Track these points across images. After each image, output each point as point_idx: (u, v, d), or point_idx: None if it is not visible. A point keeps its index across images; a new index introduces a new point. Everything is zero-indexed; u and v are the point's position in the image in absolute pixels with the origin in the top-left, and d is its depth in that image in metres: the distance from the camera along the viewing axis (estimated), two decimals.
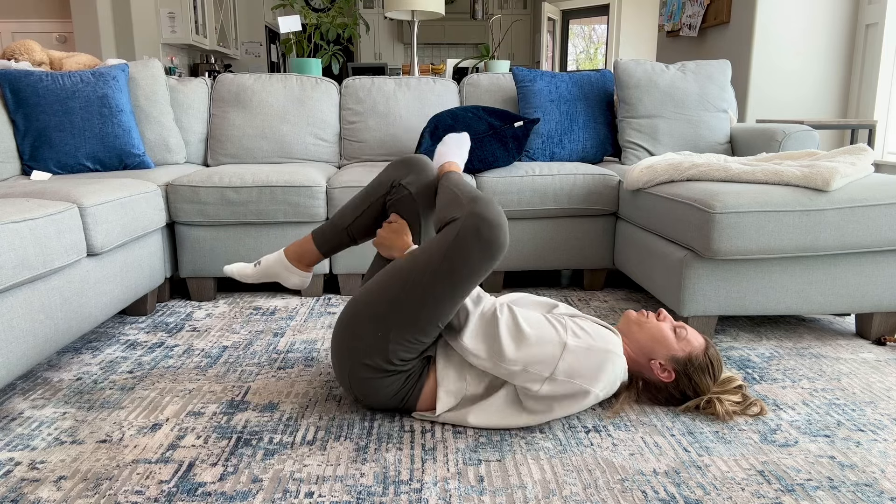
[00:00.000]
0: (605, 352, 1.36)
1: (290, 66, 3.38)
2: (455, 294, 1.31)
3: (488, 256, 1.28)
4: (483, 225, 1.27)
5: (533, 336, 1.35)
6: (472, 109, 2.52)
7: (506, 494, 1.19)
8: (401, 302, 1.32)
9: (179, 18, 5.99)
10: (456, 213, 1.33)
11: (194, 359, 1.84)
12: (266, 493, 1.19)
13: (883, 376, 1.72)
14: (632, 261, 2.32)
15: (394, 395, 1.42)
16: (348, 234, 1.68)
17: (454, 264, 1.29)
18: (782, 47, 3.57)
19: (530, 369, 1.33)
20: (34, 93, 2.41)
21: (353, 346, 1.37)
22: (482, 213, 1.28)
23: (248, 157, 2.83)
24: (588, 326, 1.40)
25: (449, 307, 1.32)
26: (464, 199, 1.35)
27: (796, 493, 1.20)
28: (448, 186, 1.49)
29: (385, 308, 1.33)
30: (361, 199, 1.67)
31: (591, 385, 1.35)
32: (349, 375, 1.41)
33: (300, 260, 1.70)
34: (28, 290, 1.51)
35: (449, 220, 1.35)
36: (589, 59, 8.54)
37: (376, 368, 1.37)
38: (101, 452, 1.33)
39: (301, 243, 1.70)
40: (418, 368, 1.42)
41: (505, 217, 1.31)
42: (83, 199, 1.78)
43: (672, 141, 2.70)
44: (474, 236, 1.27)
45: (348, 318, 1.39)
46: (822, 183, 1.81)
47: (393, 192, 1.61)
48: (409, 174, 1.60)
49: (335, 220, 1.69)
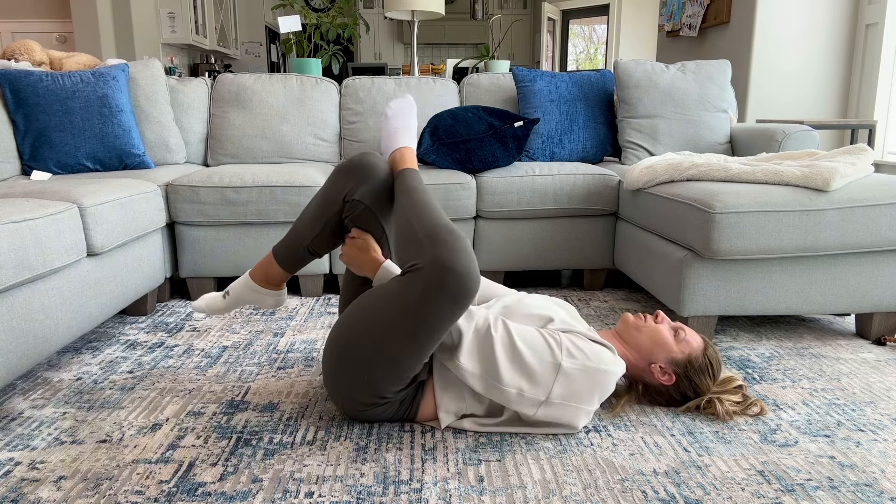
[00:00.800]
0: (600, 372, 1.34)
1: (290, 66, 3.38)
2: (432, 339, 1.26)
3: (460, 305, 1.22)
4: (449, 277, 1.19)
5: (528, 356, 1.32)
6: (472, 109, 2.52)
7: (506, 494, 1.19)
8: (378, 353, 1.28)
9: (179, 18, 5.99)
10: (417, 259, 1.25)
11: (194, 359, 1.84)
12: (266, 493, 1.19)
13: (883, 376, 1.72)
14: (632, 261, 2.32)
15: (390, 417, 1.44)
16: (309, 251, 1.59)
17: (425, 318, 1.23)
18: (782, 47, 3.57)
19: (525, 394, 1.32)
20: (34, 93, 2.41)
21: (343, 385, 1.36)
22: (446, 264, 1.19)
23: (248, 157, 2.83)
24: (583, 345, 1.36)
25: (428, 350, 1.29)
26: (424, 240, 1.26)
27: (796, 493, 1.20)
28: (404, 208, 1.39)
29: (366, 356, 1.30)
30: (315, 217, 1.56)
31: (588, 405, 1.36)
32: (343, 407, 1.42)
33: (268, 281, 1.63)
34: (28, 290, 1.51)
35: (410, 267, 1.25)
36: (589, 59, 8.54)
37: (368, 403, 1.38)
38: (101, 452, 1.33)
39: (264, 265, 1.62)
40: (411, 393, 1.41)
41: (471, 255, 1.23)
42: (83, 199, 1.78)
43: (672, 141, 2.70)
44: (440, 291, 1.20)
45: (332, 359, 1.36)
46: (822, 183, 1.81)
47: (347, 207, 1.52)
48: (360, 185, 1.50)
49: (293, 238, 1.59)
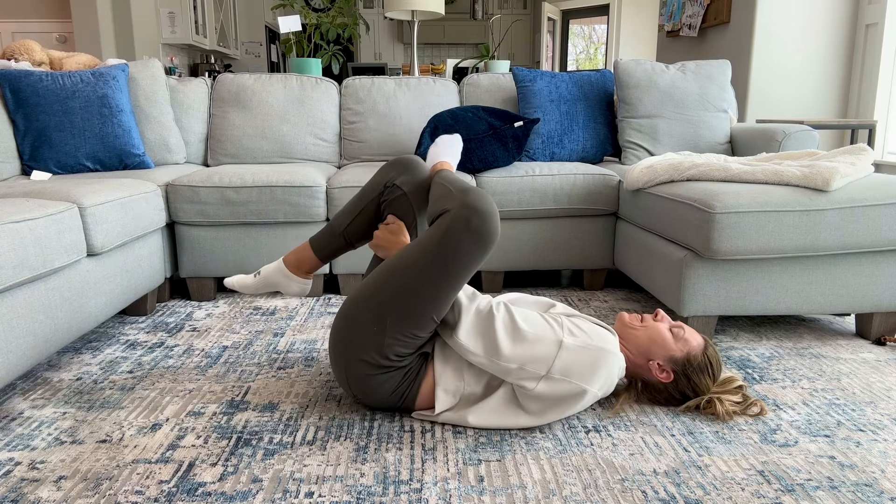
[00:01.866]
0: (602, 350, 1.36)
1: (290, 66, 3.38)
2: (449, 285, 1.31)
3: (480, 246, 1.29)
4: (474, 215, 1.28)
5: (529, 333, 1.35)
6: (472, 109, 2.52)
7: (506, 494, 1.19)
8: (395, 295, 1.33)
9: (179, 18, 5.99)
10: (447, 205, 1.34)
11: (194, 359, 1.84)
12: (266, 493, 1.19)
13: (883, 376, 1.72)
14: (632, 261, 2.32)
15: (392, 393, 1.42)
16: (345, 238, 1.68)
17: (446, 255, 1.29)
18: (782, 47, 3.57)
19: (526, 367, 1.33)
20: (34, 93, 2.41)
21: (350, 342, 1.38)
22: (473, 204, 1.29)
23: (248, 157, 2.83)
24: (585, 325, 1.40)
25: (443, 299, 1.33)
26: (455, 192, 1.36)
27: (796, 493, 1.20)
28: (440, 182, 1.50)
29: (379, 302, 1.34)
30: (356, 202, 1.67)
31: (588, 384, 1.35)
32: (346, 372, 1.41)
33: (299, 267, 1.70)
34: (28, 290, 1.51)
35: (440, 213, 1.35)
36: (589, 59, 8.54)
37: (373, 364, 1.37)
38: (101, 452, 1.33)
39: (299, 250, 1.70)
40: (416, 365, 1.42)
41: (496, 207, 1.32)
42: (83, 199, 1.78)
43: (672, 141, 2.70)
44: (465, 226, 1.28)
45: (344, 315, 1.40)
46: (822, 183, 1.81)
47: (386, 192, 1.61)
48: (403, 174, 1.61)
49: (331, 224, 1.69)
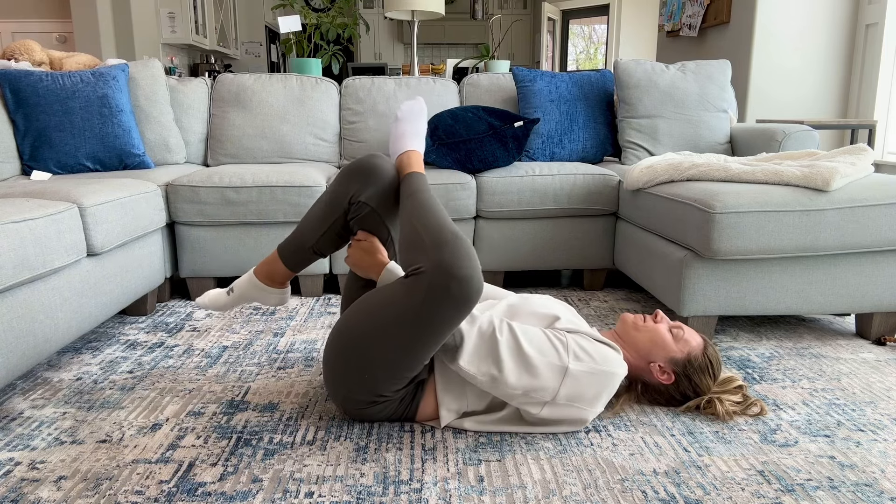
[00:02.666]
0: (607, 374, 1.34)
1: (290, 66, 3.38)
2: (434, 343, 1.27)
3: (463, 309, 1.21)
4: (452, 282, 1.18)
5: (534, 359, 1.31)
6: (472, 109, 2.52)
7: (506, 494, 1.19)
8: (379, 354, 1.28)
9: (179, 18, 5.99)
10: (420, 261, 1.24)
11: (194, 359, 1.84)
12: (266, 493, 1.19)
13: (883, 376, 1.72)
14: (632, 261, 2.32)
15: (390, 416, 1.43)
16: (314, 251, 1.60)
17: (427, 321, 1.23)
18: (782, 47, 3.57)
19: (531, 395, 1.32)
20: (34, 93, 2.41)
21: (343, 383, 1.36)
22: (450, 269, 1.19)
23: (248, 157, 2.83)
24: (589, 346, 1.36)
25: (430, 352, 1.29)
26: (427, 243, 1.25)
27: (796, 493, 1.20)
28: (408, 211, 1.38)
29: (366, 357, 1.30)
30: (321, 217, 1.57)
31: (593, 406, 1.36)
32: (343, 405, 1.41)
33: (272, 279, 1.64)
34: (28, 290, 1.51)
35: (414, 270, 1.25)
36: (589, 59, 8.54)
37: (368, 402, 1.38)
38: (101, 452, 1.33)
39: (269, 262, 1.63)
40: (411, 392, 1.41)
41: (474, 259, 1.22)
42: (83, 199, 1.78)
43: (672, 141, 2.70)
44: (444, 295, 1.19)
45: (332, 359, 1.36)
46: (822, 183, 1.81)
47: (353, 209, 1.52)
48: (366, 187, 1.50)
49: (298, 237, 1.60)
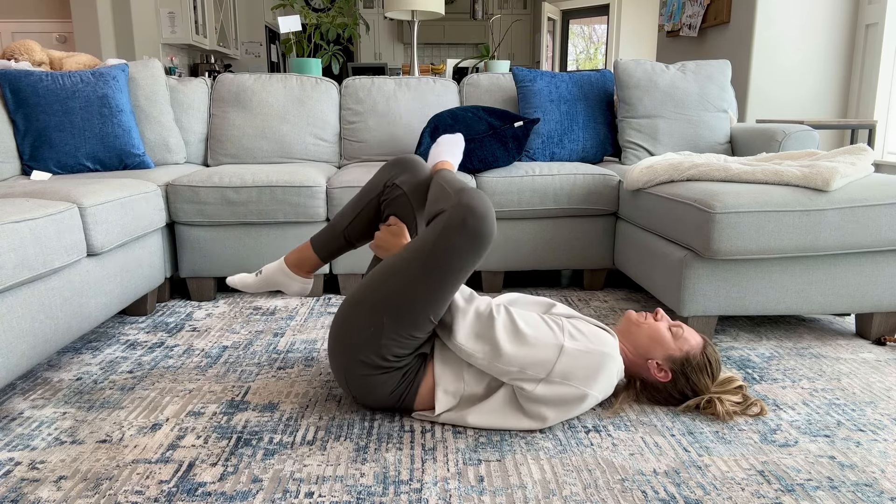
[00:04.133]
0: (602, 354, 1.36)
1: (290, 66, 3.38)
2: (445, 285, 1.31)
3: (475, 246, 1.29)
4: (469, 215, 1.27)
5: (530, 336, 1.35)
6: (472, 109, 2.52)
7: (506, 494, 1.19)
8: (391, 295, 1.33)
9: (179, 18, 5.99)
10: (443, 205, 1.34)
11: (194, 359, 1.84)
12: (266, 493, 1.19)
13: (883, 376, 1.72)
14: (632, 261, 2.32)
15: (391, 393, 1.42)
16: (345, 237, 1.68)
17: (442, 255, 1.29)
18: (782, 47, 3.57)
19: (527, 370, 1.33)
20: (34, 93, 2.41)
21: (348, 342, 1.38)
22: (469, 204, 1.28)
23: (248, 157, 2.83)
24: (585, 328, 1.40)
25: (440, 299, 1.32)
26: (451, 191, 1.36)
27: (796, 493, 1.20)
28: (438, 182, 1.49)
29: (377, 302, 1.34)
30: (356, 201, 1.67)
31: (588, 387, 1.36)
32: (345, 373, 1.41)
33: (300, 267, 1.70)
34: (28, 290, 1.51)
35: (437, 213, 1.36)
36: (589, 59, 8.54)
37: (371, 365, 1.37)
38: (101, 452, 1.33)
39: (300, 250, 1.71)
40: (414, 366, 1.42)
41: (492, 208, 1.31)
42: (83, 199, 1.78)
43: (672, 141, 2.70)
44: (461, 227, 1.27)
45: (342, 315, 1.40)
46: (822, 183, 1.81)
47: (386, 191, 1.62)
48: (403, 173, 1.61)
49: (332, 224, 1.70)
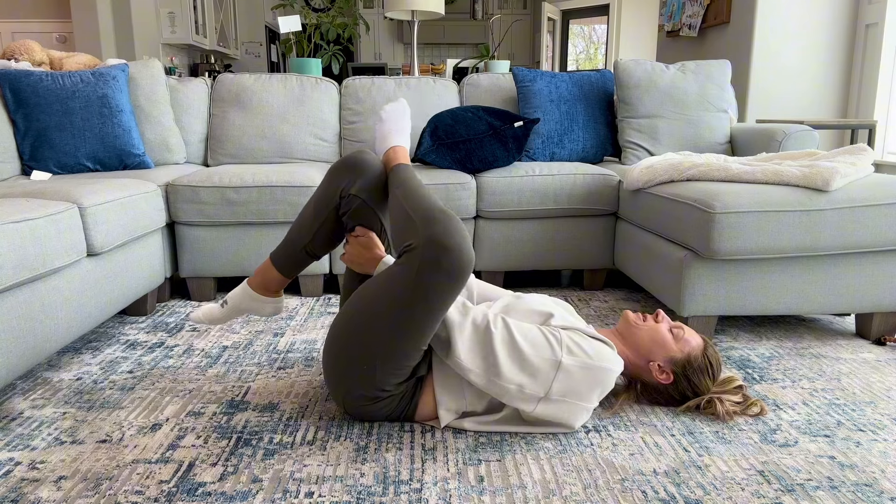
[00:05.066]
0: (601, 369, 1.34)
1: (290, 66, 3.38)
2: (431, 321, 1.27)
3: (455, 282, 1.22)
4: (443, 255, 1.20)
5: (528, 353, 1.32)
6: (472, 109, 2.52)
7: (506, 494, 1.19)
8: (378, 339, 1.29)
9: (179, 18, 5.99)
10: (411, 239, 1.26)
11: (194, 359, 1.84)
12: (266, 493, 1.19)
13: (883, 376, 1.72)
14: (632, 261, 2.32)
15: (390, 415, 1.43)
16: (307, 252, 1.60)
17: (422, 297, 1.23)
18: (782, 47, 3.57)
19: (525, 389, 1.32)
20: (34, 93, 2.41)
21: (342, 379, 1.36)
22: (439, 241, 1.20)
23: (248, 157, 2.83)
24: (583, 342, 1.36)
25: (428, 333, 1.29)
26: (417, 221, 1.27)
27: (796, 493, 1.20)
28: (398, 198, 1.40)
29: (364, 345, 1.30)
30: (312, 215, 1.58)
31: (587, 402, 1.36)
32: (343, 402, 1.41)
33: (267, 288, 1.63)
34: (28, 290, 1.51)
35: (405, 248, 1.27)
36: (589, 59, 8.54)
37: (368, 397, 1.37)
38: (101, 452, 1.33)
39: (262, 271, 1.63)
40: (410, 389, 1.41)
41: (464, 233, 1.23)
42: (83, 199, 1.78)
43: (672, 141, 2.70)
44: (435, 268, 1.20)
45: (332, 354, 1.37)
46: (822, 183, 1.81)
47: (343, 203, 1.54)
48: (356, 180, 1.52)
49: (290, 241, 1.60)
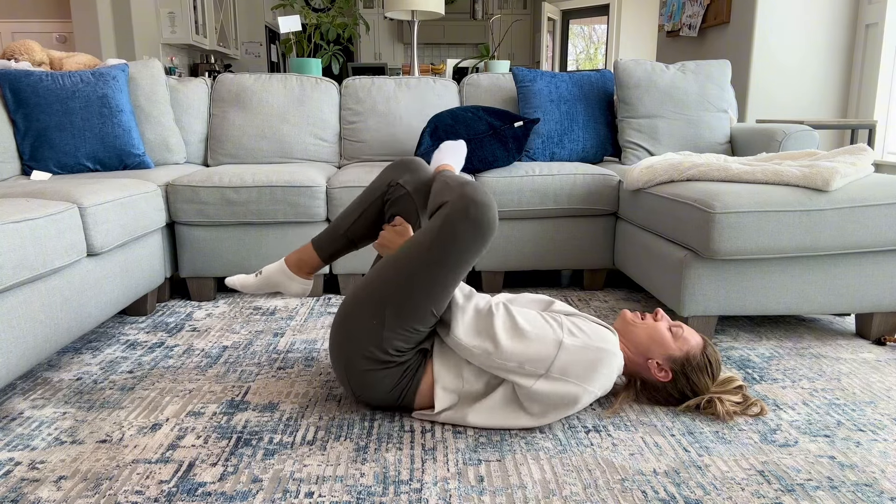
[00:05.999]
0: (601, 350, 1.36)
1: (290, 66, 3.38)
2: (447, 276, 1.32)
3: (478, 236, 1.31)
4: (472, 205, 1.29)
5: (529, 331, 1.35)
6: (472, 109, 2.52)
7: (506, 494, 1.19)
8: (394, 287, 1.34)
9: (179, 18, 5.99)
10: (446, 198, 1.36)
11: (194, 359, 1.84)
12: (266, 493, 1.19)
13: (883, 376, 1.72)
14: (632, 261, 2.32)
15: (391, 390, 1.42)
16: (347, 237, 1.69)
17: (445, 246, 1.30)
18: (782, 47, 3.57)
19: (525, 366, 1.33)
20: (34, 93, 2.41)
21: (350, 335, 1.38)
22: (471, 195, 1.30)
23: (248, 157, 2.83)
24: (584, 325, 1.40)
25: (441, 291, 1.33)
26: (453, 185, 1.38)
27: (796, 493, 1.20)
28: (440, 179, 1.51)
29: (379, 294, 1.35)
30: (360, 202, 1.69)
31: (587, 384, 1.35)
32: (346, 368, 1.41)
33: (300, 268, 1.70)
34: (28, 290, 1.51)
35: (439, 205, 1.37)
36: (589, 59, 8.54)
37: (373, 359, 1.37)
38: (101, 452, 1.33)
39: (301, 251, 1.71)
40: (415, 362, 1.42)
41: (493, 199, 1.34)
42: (83, 199, 1.78)
43: (672, 141, 2.70)
44: (463, 216, 1.29)
45: (345, 309, 1.41)
46: (822, 183, 1.81)
47: (390, 191, 1.64)
48: (406, 174, 1.64)
49: (334, 224, 1.70)
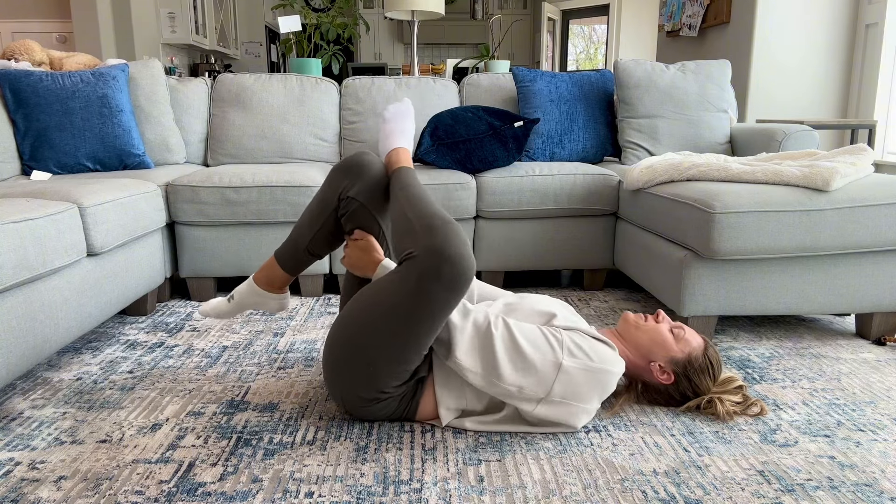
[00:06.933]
0: (602, 371, 1.34)
1: (290, 66, 3.38)
2: (431, 329, 1.27)
3: (455, 292, 1.23)
4: (444, 264, 1.20)
5: (529, 354, 1.32)
6: (472, 109, 2.52)
7: (506, 494, 1.19)
8: (378, 345, 1.29)
9: (179, 18, 5.99)
10: (411, 247, 1.26)
11: (194, 359, 1.84)
12: (266, 493, 1.19)
13: (883, 376, 1.72)
14: (632, 261, 2.32)
15: (390, 415, 1.43)
16: (308, 252, 1.62)
17: (422, 306, 1.23)
18: (782, 47, 3.57)
19: (525, 391, 1.32)
20: (34, 93, 2.41)
21: (343, 380, 1.36)
22: (440, 250, 1.21)
23: (248, 157, 2.83)
24: (585, 343, 1.36)
25: (428, 340, 1.29)
26: (418, 229, 1.27)
27: (796, 493, 1.20)
28: (400, 202, 1.41)
29: (366, 350, 1.30)
30: (312, 217, 1.60)
31: (587, 403, 1.35)
32: (343, 404, 1.41)
33: (271, 284, 1.65)
34: (28, 290, 1.51)
35: (406, 256, 1.27)
36: (589, 59, 8.54)
37: (369, 399, 1.37)
38: (101, 452, 1.33)
39: (267, 268, 1.65)
40: (411, 390, 1.41)
41: (464, 241, 1.24)
42: (83, 199, 1.78)
43: (672, 141, 2.70)
44: (435, 278, 1.20)
45: (332, 355, 1.36)
46: (822, 183, 1.81)
47: (342, 206, 1.55)
48: (355, 182, 1.54)
49: (293, 239, 1.63)
